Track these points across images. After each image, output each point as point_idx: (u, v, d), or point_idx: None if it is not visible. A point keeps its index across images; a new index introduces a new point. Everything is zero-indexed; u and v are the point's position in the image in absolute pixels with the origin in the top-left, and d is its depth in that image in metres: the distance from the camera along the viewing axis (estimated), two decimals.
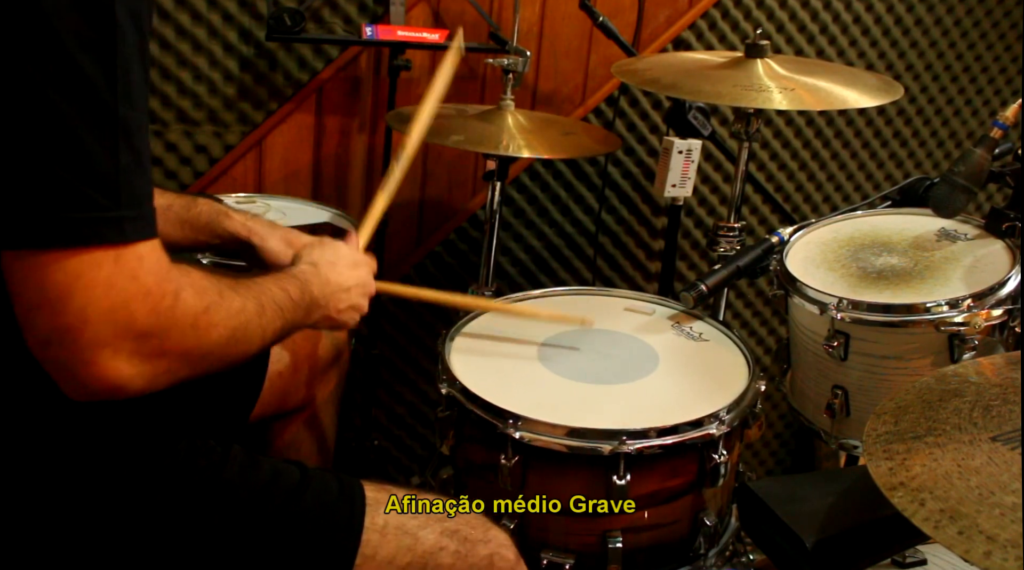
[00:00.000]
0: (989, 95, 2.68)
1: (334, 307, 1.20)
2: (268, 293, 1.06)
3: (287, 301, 1.08)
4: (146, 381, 0.89)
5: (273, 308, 1.05)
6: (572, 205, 2.34)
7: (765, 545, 1.21)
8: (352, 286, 1.23)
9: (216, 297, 0.95)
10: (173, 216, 1.39)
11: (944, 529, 0.82)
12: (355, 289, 1.24)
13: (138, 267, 0.87)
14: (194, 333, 0.92)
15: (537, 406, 1.35)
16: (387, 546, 1.10)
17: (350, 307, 1.23)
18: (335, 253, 1.25)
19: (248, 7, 1.97)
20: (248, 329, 1.00)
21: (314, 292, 1.16)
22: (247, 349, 1.01)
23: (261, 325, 1.02)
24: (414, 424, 2.40)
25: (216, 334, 0.95)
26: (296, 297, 1.11)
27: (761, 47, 1.73)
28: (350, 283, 1.23)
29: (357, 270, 1.26)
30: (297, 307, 1.11)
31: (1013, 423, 0.94)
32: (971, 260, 1.54)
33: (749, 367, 1.50)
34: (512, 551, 1.18)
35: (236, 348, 0.99)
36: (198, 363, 0.94)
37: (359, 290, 1.25)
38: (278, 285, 1.09)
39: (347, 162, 2.14)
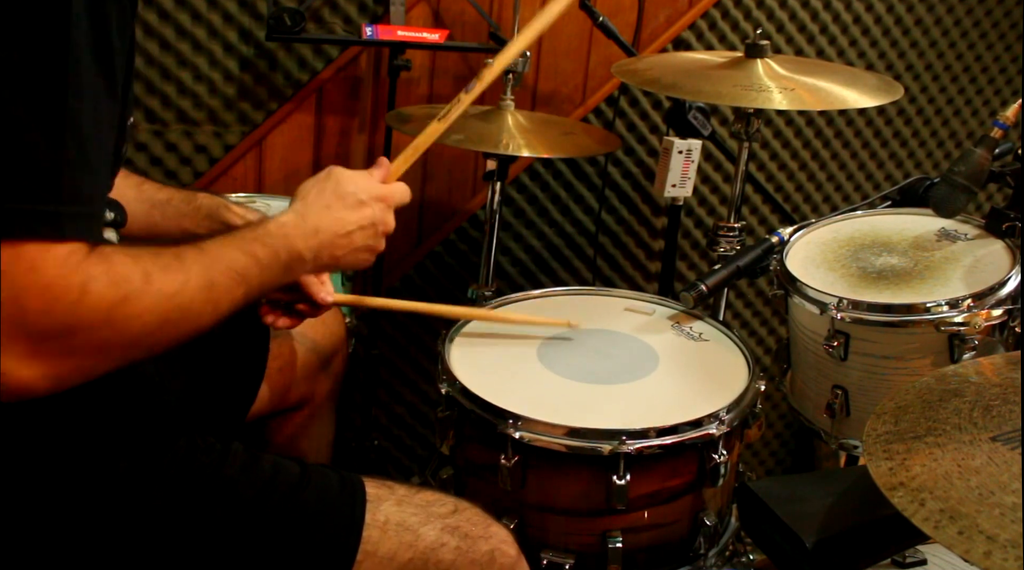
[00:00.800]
0: (989, 95, 2.68)
1: (330, 254, 1.12)
2: (223, 261, 0.99)
3: (251, 265, 1.02)
4: (52, 382, 0.85)
5: (230, 277, 0.99)
6: (572, 205, 2.34)
7: (765, 545, 1.21)
8: (353, 230, 1.14)
9: (140, 284, 0.89)
10: (172, 210, 1.38)
11: (944, 529, 0.82)
12: (358, 232, 1.14)
13: (42, 258, 0.82)
14: (108, 327, 0.86)
15: (537, 406, 1.35)
16: (388, 542, 1.09)
17: (354, 250, 1.15)
18: (334, 192, 1.14)
19: (248, 7, 1.97)
20: (190, 308, 0.94)
21: (297, 245, 1.08)
22: (192, 328, 0.95)
23: (211, 299, 0.96)
24: (414, 424, 2.40)
25: (140, 324, 0.89)
26: (265, 258, 1.04)
27: (761, 47, 1.73)
28: (350, 226, 1.14)
29: (361, 210, 1.15)
30: (268, 268, 1.04)
31: (1013, 423, 0.94)
32: (971, 260, 1.54)
33: (749, 367, 1.50)
34: (513, 547, 1.18)
35: (175, 330, 0.93)
36: (122, 355, 0.90)
37: (365, 232, 1.15)
38: (241, 249, 1.02)
39: (347, 162, 2.14)
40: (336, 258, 1.13)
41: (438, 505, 1.16)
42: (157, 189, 1.39)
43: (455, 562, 1.12)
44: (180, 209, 1.38)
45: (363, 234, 1.15)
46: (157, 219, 1.37)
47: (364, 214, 1.15)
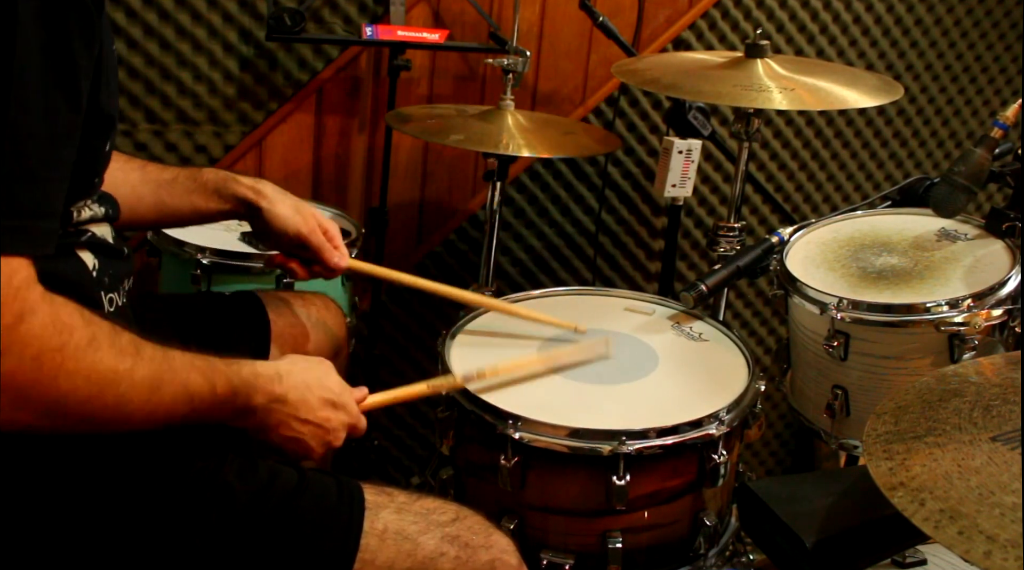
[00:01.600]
0: (989, 95, 2.68)
1: (276, 427, 1.10)
2: (181, 376, 0.97)
3: (205, 393, 0.99)
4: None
5: (179, 392, 0.96)
6: (572, 205, 2.34)
7: (765, 545, 1.21)
8: (312, 421, 1.12)
9: (83, 343, 0.85)
10: (180, 187, 1.37)
11: (944, 529, 0.82)
12: (310, 427, 1.12)
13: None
14: (35, 370, 0.82)
15: (537, 406, 1.35)
16: (386, 551, 1.09)
17: (295, 438, 1.12)
18: (320, 379, 1.15)
19: (248, 7, 1.97)
20: (125, 397, 0.90)
21: (257, 400, 1.06)
22: (119, 418, 0.91)
23: (151, 401, 0.93)
24: (414, 424, 2.40)
25: (69, 384, 0.85)
26: (221, 394, 1.02)
27: (761, 47, 1.73)
28: (310, 417, 1.12)
29: (331, 412, 1.15)
30: (219, 406, 1.02)
31: (1013, 423, 0.94)
32: (971, 260, 1.54)
33: (749, 367, 1.50)
34: (514, 557, 1.17)
35: (102, 413, 0.89)
36: (39, 409, 0.85)
37: (317, 431, 1.13)
38: (204, 375, 1.00)
39: (347, 162, 2.14)
40: (279, 435, 1.11)
41: (438, 513, 1.15)
42: (161, 169, 1.39)
43: None
44: (187, 186, 1.37)
45: (312, 431, 1.13)
46: (165, 198, 1.36)
47: (328, 415, 1.14)
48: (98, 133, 1.01)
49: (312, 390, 1.13)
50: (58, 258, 1.05)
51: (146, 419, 0.94)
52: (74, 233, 1.08)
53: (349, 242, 1.70)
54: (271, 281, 1.72)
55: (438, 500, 1.17)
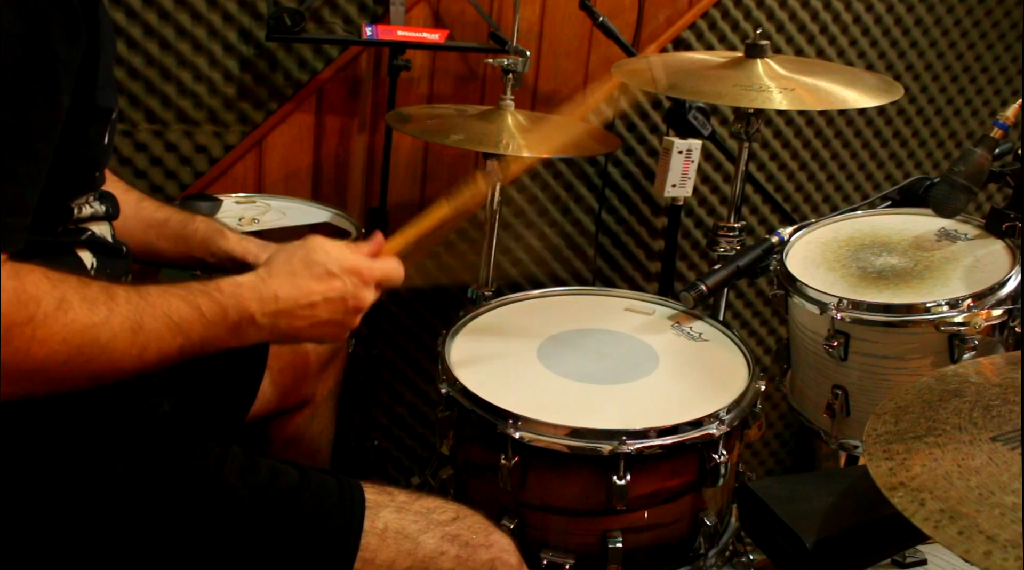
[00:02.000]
0: (989, 95, 2.68)
1: (289, 324, 1.05)
2: (160, 307, 0.94)
3: (194, 318, 0.96)
4: None
5: (164, 324, 0.93)
6: (572, 205, 2.34)
7: (765, 545, 1.21)
8: (318, 301, 1.07)
9: (51, 309, 0.85)
10: (169, 231, 1.36)
11: (944, 529, 0.82)
12: (323, 305, 1.07)
13: None
14: (7, 347, 0.82)
15: (537, 406, 1.35)
16: (386, 550, 1.09)
17: (318, 323, 1.08)
18: (303, 259, 1.08)
19: (248, 7, 1.97)
20: (108, 346, 0.89)
21: (250, 308, 1.02)
22: (109, 368, 0.91)
23: (136, 343, 0.91)
24: (414, 424, 2.40)
25: (45, 351, 0.85)
26: (211, 314, 0.98)
27: (761, 47, 1.73)
28: (314, 297, 1.06)
29: (329, 281, 1.08)
30: (212, 325, 0.98)
31: (1013, 423, 0.94)
32: (971, 260, 1.54)
33: (749, 367, 1.50)
34: (514, 556, 1.17)
35: (88, 367, 0.89)
36: (22, 381, 0.86)
37: (332, 305, 1.08)
38: (184, 300, 0.96)
39: (347, 162, 2.14)
40: (297, 329, 1.07)
41: (438, 512, 1.15)
42: (156, 208, 1.38)
43: None
44: (177, 231, 1.36)
45: (328, 307, 1.08)
46: (153, 238, 1.36)
47: (332, 286, 1.08)
48: (94, 124, 1.01)
49: (300, 274, 1.07)
50: (57, 257, 1.06)
51: (137, 361, 0.92)
52: (74, 231, 1.08)
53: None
54: None
55: (438, 499, 1.17)
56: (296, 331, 1.07)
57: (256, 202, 1.97)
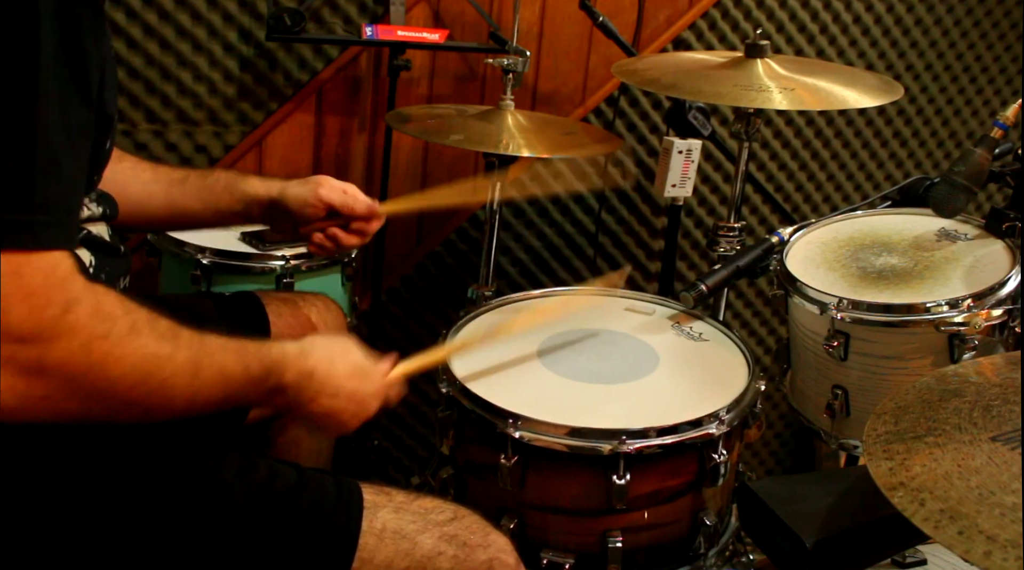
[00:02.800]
0: (989, 95, 2.68)
1: (307, 403, 1.09)
2: (217, 359, 0.97)
3: (239, 375, 1.00)
4: (18, 399, 0.82)
5: (215, 375, 0.97)
6: (572, 205, 2.34)
7: (765, 545, 1.21)
8: (341, 395, 1.11)
9: (125, 331, 0.87)
10: (191, 188, 1.37)
11: (944, 529, 0.82)
12: (343, 400, 1.11)
13: (26, 265, 0.81)
14: (85, 357, 0.84)
15: (537, 406, 1.35)
16: (384, 550, 1.09)
17: (330, 413, 1.11)
18: (344, 353, 1.13)
19: (248, 7, 1.97)
20: (169, 381, 0.91)
21: (287, 378, 1.06)
22: (164, 404, 0.92)
23: (192, 386, 0.94)
24: (414, 424, 2.40)
25: (118, 369, 0.86)
26: (255, 375, 1.02)
27: (761, 47, 1.73)
28: (340, 391, 1.11)
29: (359, 383, 1.13)
30: (252, 385, 1.02)
31: (1013, 423, 0.94)
32: (971, 260, 1.54)
33: (749, 367, 1.50)
34: (512, 556, 1.17)
35: (148, 398, 0.90)
36: (90, 398, 0.87)
37: (348, 405, 1.12)
38: (238, 357, 1.00)
39: (347, 162, 2.14)
40: (311, 412, 1.10)
41: (436, 512, 1.14)
42: (172, 169, 1.40)
43: None
44: (197, 185, 1.37)
45: (345, 403, 1.12)
46: (176, 196, 1.37)
47: (357, 387, 1.13)
48: (100, 130, 1.01)
49: (336, 363, 1.11)
50: None
51: (188, 404, 0.95)
52: None
53: None
54: (271, 281, 1.73)
55: (436, 499, 1.17)
56: (309, 412, 1.11)
57: None
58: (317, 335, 1.16)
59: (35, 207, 0.82)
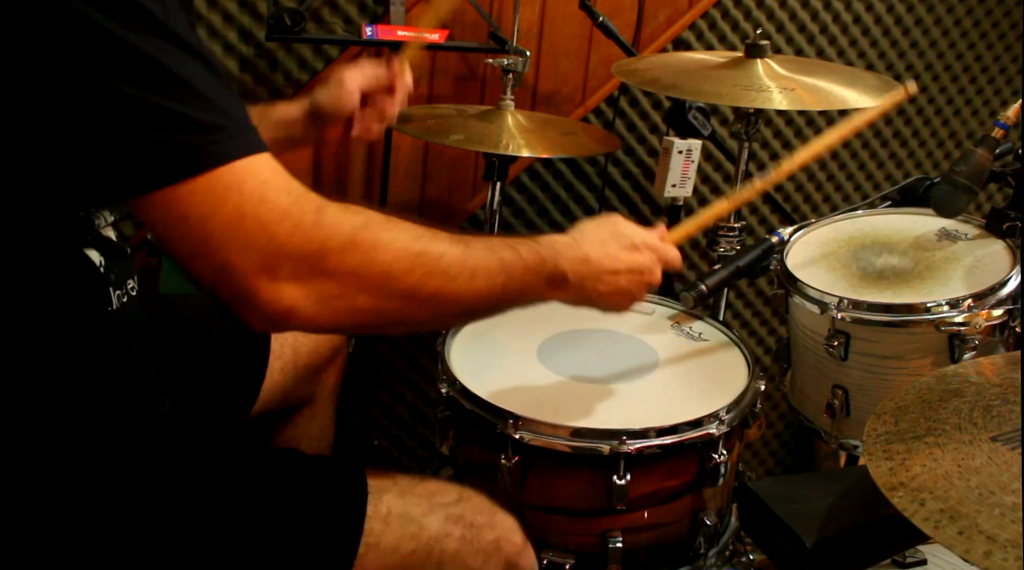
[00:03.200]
0: (989, 95, 2.68)
1: (593, 287, 1.13)
2: (481, 241, 0.99)
3: (516, 260, 1.02)
4: (316, 303, 0.86)
5: (487, 256, 0.98)
6: (572, 205, 2.34)
7: (765, 545, 1.21)
8: (622, 269, 1.15)
9: (380, 220, 0.90)
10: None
11: (944, 529, 0.82)
12: (626, 274, 1.15)
13: (264, 190, 0.85)
14: (356, 249, 0.88)
15: (537, 406, 1.35)
16: (391, 534, 1.08)
17: (618, 291, 1.15)
18: (612, 230, 1.17)
19: (248, 7, 1.97)
20: (441, 262, 0.93)
21: (563, 265, 1.09)
22: (447, 289, 0.94)
23: (467, 265, 0.96)
24: (414, 424, 2.40)
25: (389, 255, 0.90)
26: (531, 261, 1.04)
27: (761, 47, 1.73)
28: (619, 265, 1.14)
29: (634, 253, 1.16)
30: (531, 272, 1.04)
31: (1013, 423, 0.94)
32: (971, 260, 1.54)
33: (749, 367, 1.50)
34: (519, 535, 1.17)
35: (430, 282, 0.92)
36: (374, 288, 0.90)
37: (632, 276, 1.16)
38: (503, 241, 1.02)
39: (347, 162, 2.14)
40: (599, 293, 1.14)
41: (442, 494, 1.14)
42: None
43: (460, 552, 1.11)
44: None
45: (630, 277, 1.16)
46: None
47: (636, 258, 1.17)
48: None
49: (609, 243, 1.14)
50: (66, 256, 1.06)
51: (471, 285, 0.96)
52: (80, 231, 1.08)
53: None
54: None
55: (441, 482, 1.17)
56: (598, 295, 1.15)
57: None
58: (583, 222, 1.18)
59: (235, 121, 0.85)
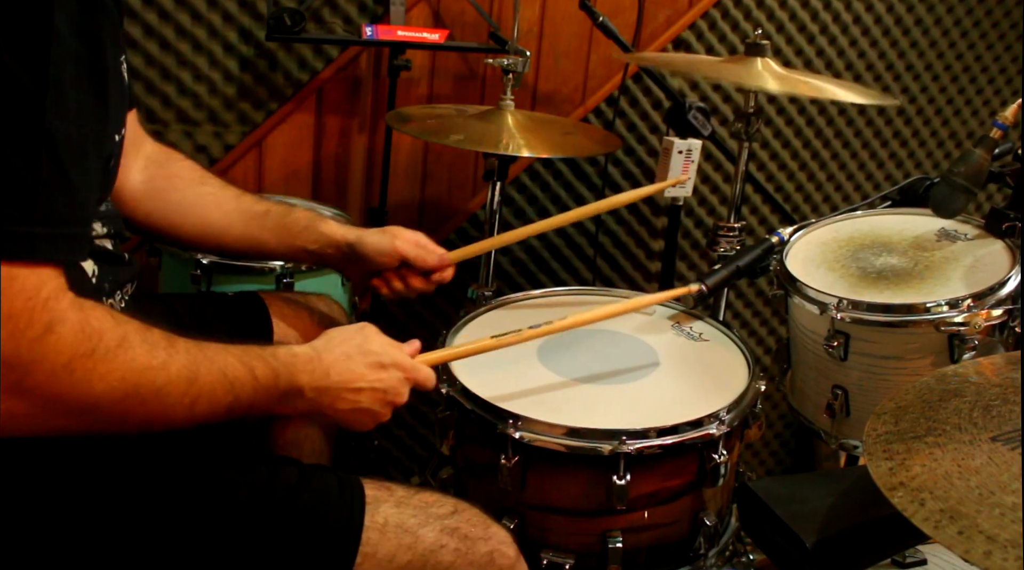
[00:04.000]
0: (989, 95, 2.68)
1: (331, 404, 1.10)
2: (217, 363, 0.96)
3: (246, 379, 0.99)
4: (1, 417, 0.82)
5: (218, 380, 0.96)
6: (572, 205, 2.34)
7: (765, 545, 1.21)
8: (365, 388, 1.12)
9: (113, 345, 0.86)
10: (271, 222, 1.39)
11: (944, 529, 0.82)
12: (367, 392, 1.13)
13: (10, 284, 0.80)
14: (68, 377, 0.83)
15: (537, 406, 1.35)
16: (387, 544, 1.09)
17: (358, 409, 1.13)
18: (359, 345, 1.14)
19: (248, 7, 1.97)
20: (163, 392, 0.90)
21: (300, 380, 1.06)
22: (161, 415, 0.92)
23: (190, 393, 0.93)
24: (414, 424, 2.40)
25: (103, 386, 0.86)
26: (263, 378, 1.01)
27: (761, 47, 1.73)
28: (362, 383, 1.11)
29: (379, 372, 1.14)
30: (263, 390, 1.02)
31: (1013, 423, 0.94)
32: (971, 260, 1.54)
33: (749, 367, 1.50)
34: (512, 548, 1.18)
35: (142, 410, 0.90)
36: (75, 415, 0.86)
37: (375, 395, 1.13)
38: (240, 360, 0.99)
39: (347, 162, 2.14)
40: (337, 410, 1.12)
41: (437, 506, 1.15)
42: (255, 201, 1.42)
43: (454, 563, 1.12)
44: (279, 221, 1.40)
45: (372, 396, 1.13)
46: (255, 231, 1.39)
47: (380, 376, 1.14)
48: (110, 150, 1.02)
49: (354, 358, 1.12)
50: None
51: (188, 412, 0.94)
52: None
53: None
54: (271, 281, 1.72)
55: (437, 494, 1.18)
56: (336, 411, 1.12)
57: None
58: (334, 331, 1.15)
59: (36, 219, 0.81)
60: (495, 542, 1.16)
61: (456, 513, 1.16)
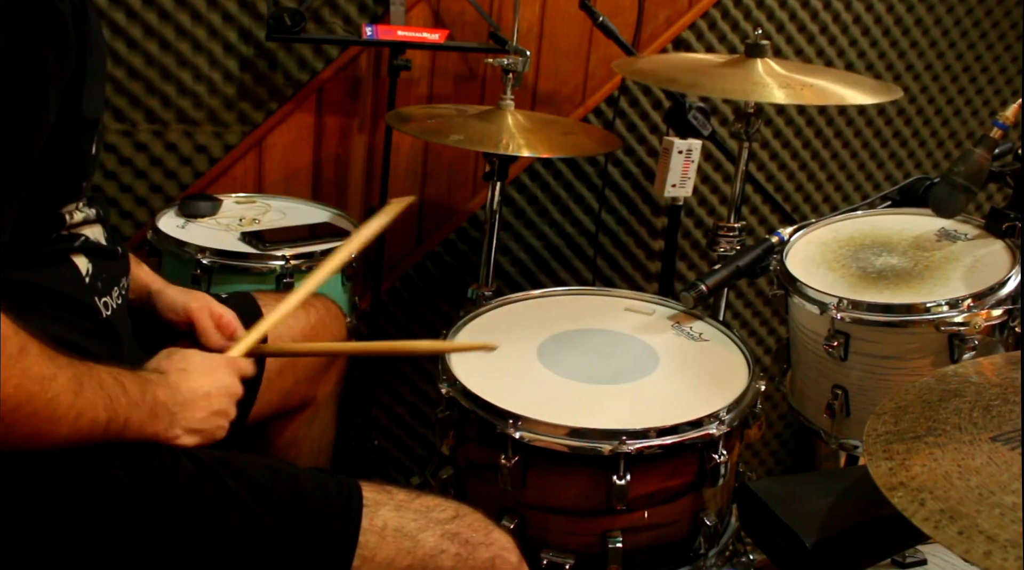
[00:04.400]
0: (989, 95, 2.68)
1: (191, 415, 1.10)
2: (95, 377, 0.96)
3: (120, 393, 0.99)
4: None
5: (98, 395, 0.96)
6: (572, 205, 2.34)
7: (765, 545, 1.21)
8: (211, 391, 1.13)
9: (14, 351, 0.87)
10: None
11: (944, 529, 0.82)
12: (215, 395, 1.14)
13: None
14: None
15: (537, 406, 1.35)
16: (386, 548, 1.09)
17: (212, 414, 1.13)
18: (185, 360, 1.15)
19: (248, 7, 1.97)
20: (53, 403, 0.90)
21: (160, 395, 1.07)
22: (46, 428, 0.91)
23: (75, 406, 0.93)
24: (414, 424, 2.40)
25: (2, 392, 0.85)
26: (134, 393, 1.02)
27: (761, 47, 1.73)
28: (207, 388, 1.13)
29: (214, 374, 1.15)
30: (136, 405, 1.02)
31: (1013, 423, 0.94)
32: (971, 260, 1.54)
33: (749, 367, 1.50)
34: (514, 554, 1.17)
35: (30, 421, 0.89)
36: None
37: (220, 396, 1.14)
38: (112, 375, 1.00)
39: (347, 162, 2.14)
40: (199, 420, 1.11)
41: (438, 510, 1.15)
42: None
43: (454, 569, 1.12)
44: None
45: (219, 397, 1.14)
46: None
47: (218, 377, 1.15)
48: (81, 135, 1.02)
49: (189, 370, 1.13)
50: (52, 265, 1.06)
51: (71, 428, 0.93)
52: (68, 238, 1.08)
53: None
54: (271, 281, 1.73)
55: (437, 498, 1.17)
56: (199, 422, 1.11)
57: (256, 202, 1.97)
58: (151, 362, 1.15)
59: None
60: (497, 548, 1.15)
61: (457, 518, 1.15)
